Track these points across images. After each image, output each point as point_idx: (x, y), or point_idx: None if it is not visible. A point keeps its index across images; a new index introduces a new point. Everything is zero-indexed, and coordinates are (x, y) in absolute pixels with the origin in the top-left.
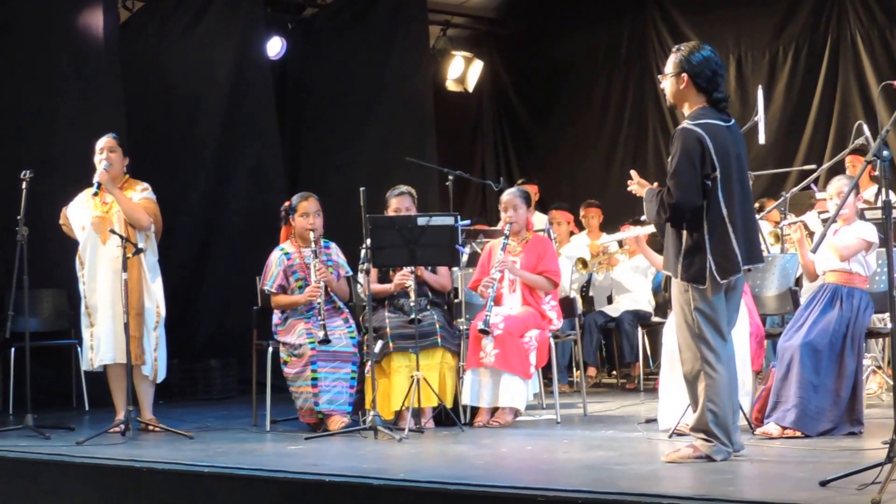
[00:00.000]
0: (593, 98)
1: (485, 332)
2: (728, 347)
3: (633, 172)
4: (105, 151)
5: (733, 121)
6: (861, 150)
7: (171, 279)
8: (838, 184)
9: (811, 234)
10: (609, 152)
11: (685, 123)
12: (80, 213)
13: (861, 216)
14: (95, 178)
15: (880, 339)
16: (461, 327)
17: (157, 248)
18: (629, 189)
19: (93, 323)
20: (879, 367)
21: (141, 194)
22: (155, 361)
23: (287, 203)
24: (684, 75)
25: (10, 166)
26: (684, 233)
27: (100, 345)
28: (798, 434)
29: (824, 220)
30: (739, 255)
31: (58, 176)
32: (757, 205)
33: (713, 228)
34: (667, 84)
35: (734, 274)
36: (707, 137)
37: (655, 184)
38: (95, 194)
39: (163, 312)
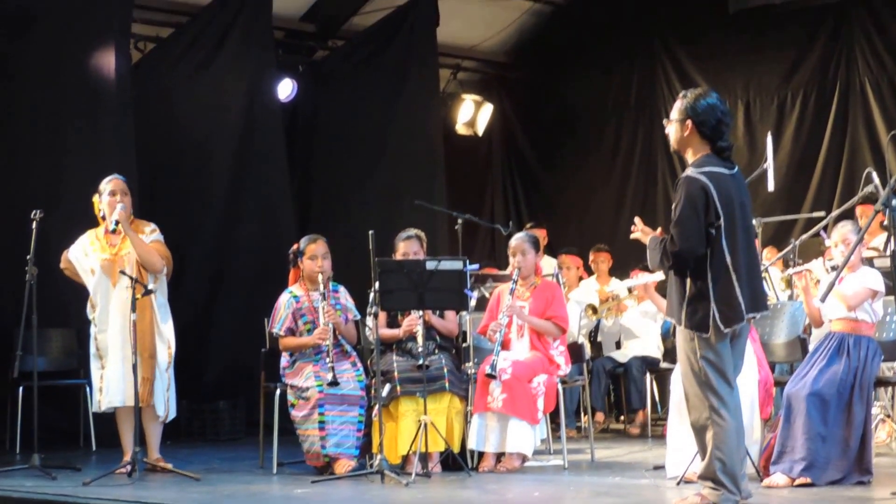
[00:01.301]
0: (603, 142)
1: (492, 377)
2: (735, 395)
3: (637, 220)
4: (119, 194)
5: (737, 168)
6: (870, 198)
7: (180, 320)
8: (843, 230)
9: (817, 282)
10: (618, 197)
11: (689, 171)
12: (85, 257)
13: (870, 263)
14: (113, 218)
15: (889, 388)
16: (469, 371)
17: (167, 290)
18: (632, 236)
19: (103, 365)
20: (889, 416)
21: (150, 236)
22: (167, 402)
23: (295, 246)
24: (689, 122)
25: (21, 205)
26: (688, 280)
27: (109, 387)
28: (807, 481)
29: (830, 268)
30: (743, 304)
31: (68, 216)
32: (766, 252)
33: (717, 276)
34: (671, 130)
35: (738, 322)
36: (711, 186)
37: (659, 230)
38: (113, 231)
39: (174, 353)
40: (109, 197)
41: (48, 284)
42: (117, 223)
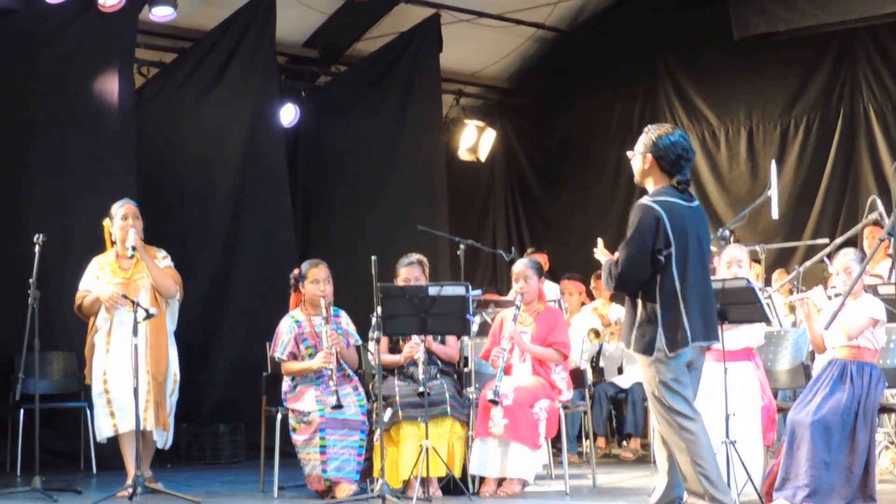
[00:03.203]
0: (605, 168)
1: (494, 402)
2: (698, 419)
3: (599, 241)
4: (130, 218)
5: (696, 203)
6: (877, 224)
7: (182, 343)
8: (844, 259)
9: (820, 309)
10: (620, 222)
11: (644, 199)
12: (96, 280)
13: (874, 291)
14: (129, 243)
15: (893, 415)
16: (471, 396)
17: (177, 316)
18: (595, 256)
19: (108, 390)
20: (892, 443)
21: (163, 262)
22: (170, 428)
23: (297, 270)
24: (649, 156)
25: (23, 229)
26: (639, 305)
27: (120, 410)
28: None
29: (834, 295)
30: (690, 331)
31: (70, 240)
32: (775, 275)
33: (665, 303)
34: (634, 162)
35: (682, 347)
36: (664, 214)
37: (616, 254)
38: (131, 256)
39: (178, 379)
40: (122, 221)
41: (50, 308)
42: (134, 249)
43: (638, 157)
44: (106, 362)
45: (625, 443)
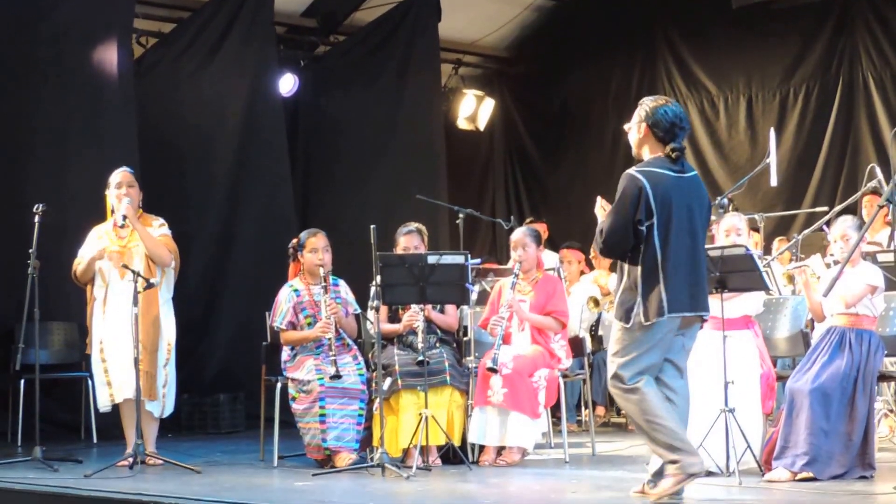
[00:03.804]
0: (604, 137)
1: (493, 371)
2: (680, 383)
3: (598, 198)
4: (124, 186)
5: (693, 173)
6: (875, 192)
7: (182, 314)
8: (842, 226)
9: (818, 277)
10: None
11: (631, 169)
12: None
13: (873, 259)
14: (120, 212)
15: (892, 383)
16: (470, 365)
17: (172, 285)
18: (595, 211)
19: (104, 359)
20: (891, 411)
21: (159, 230)
22: (163, 398)
23: (295, 240)
24: (644, 125)
25: (24, 200)
26: (625, 273)
27: (117, 380)
28: (809, 475)
29: (833, 262)
30: (666, 302)
31: (70, 210)
32: (775, 244)
33: (646, 273)
34: (630, 134)
35: (657, 317)
36: (647, 185)
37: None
38: (122, 226)
39: (173, 349)
40: (116, 190)
41: (50, 278)
42: (125, 218)
43: (633, 128)
44: (102, 332)
45: (623, 412)
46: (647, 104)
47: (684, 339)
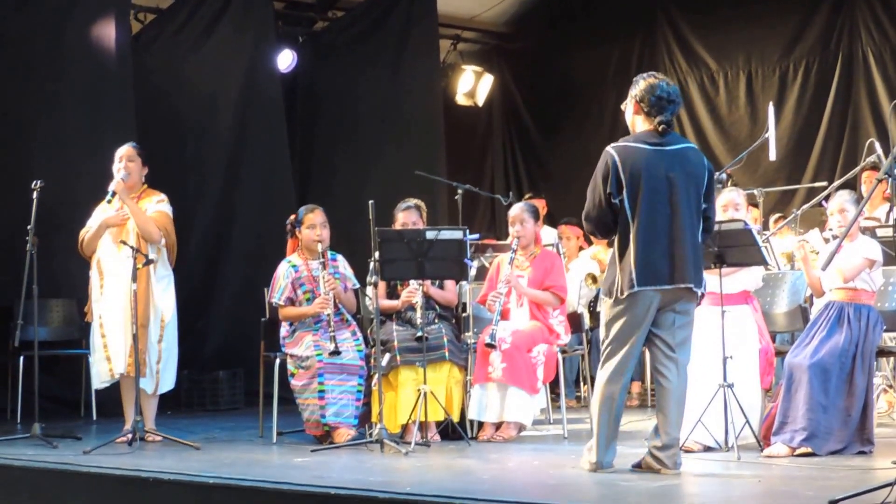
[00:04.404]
0: (603, 113)
1: (491, 346)
2: (668, 363)
3: None
4: (124, 160)
5: (680, 145)
6: (874, 167)
7: (181, 291)
8: (840, 200)
9: (817, 252)
10: None
11: (609, 145)
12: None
13: (872, 234)
14: (111, 187)
15: (891, 359)
16: (469, 341)
17: (168, 262)
18: None
19: (104, 334)
20: (890, 387)
21: (156, 206)
22: (157, 374)
23: (293, 216)
24: (633, 101)
25: (22, 176)
26: (613, 249)
27: (115, 356)
28: (807, 450)
29: (831, 237)
30: (635, 275)
31: (69, 186)
32: (772, 220)
33: (621, 246)
34: (626, 112)
35: (629, 290)
36: (617, 159)
37: None
38: (109, 201)
39: (167, 326)
40: (117, 163)
41: (49, 255)
42: (113, 194)
43: (626, 106)
44: (101, 307)
45: None
46: (636, 81)
47: (675, 315)
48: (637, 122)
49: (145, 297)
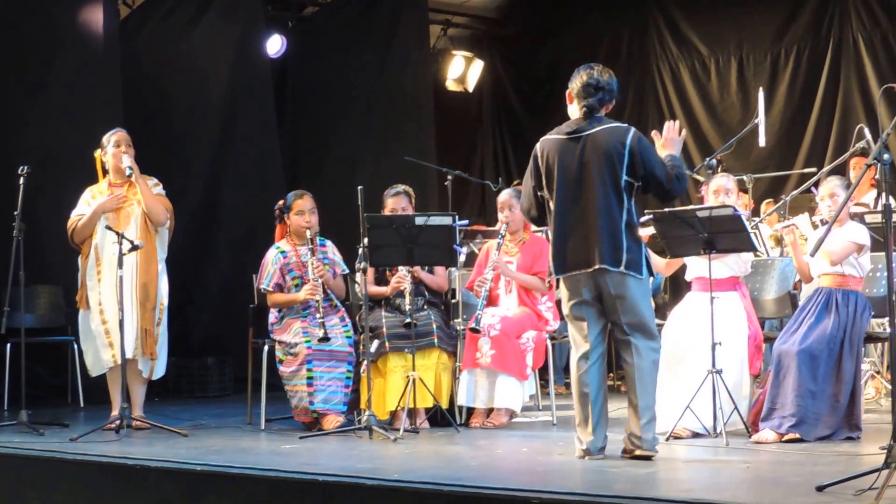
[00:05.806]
0: None
1: (476, 332)
2: (629, 347)
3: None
4: (123, 145)
5: (597, 128)
6: (864, 153)
7: (169, 276)
8: (829, 185)
9: (806, 238)
10: None
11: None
12: (88, 207)
13: (860, 220)
14: (126, 164)
15: (879, 344)
16: (458, 328)
17: (167, 245)
18: None
19: (105, 321)
20: (878, 373)
21: (155, 189)
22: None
23: (281, 201)
24: (568, 92)
25: (8, 162)
26: None
27: (118, 341)
28: (796, 436)
29: (820, 222)
30: (552, 265)
31: (55, 172)
32: (763, 206)
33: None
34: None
35: (550, 278)
36: (538, 153)
37: None
38: (129, 177)
39: (166, 310)
40: (115, 148)
41: (35, 241)
42: (131, 169)
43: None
44: (100, 294)
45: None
46: (574, 72)
47: (615, 300)
48: (573, 112)
49: (154, 280)
